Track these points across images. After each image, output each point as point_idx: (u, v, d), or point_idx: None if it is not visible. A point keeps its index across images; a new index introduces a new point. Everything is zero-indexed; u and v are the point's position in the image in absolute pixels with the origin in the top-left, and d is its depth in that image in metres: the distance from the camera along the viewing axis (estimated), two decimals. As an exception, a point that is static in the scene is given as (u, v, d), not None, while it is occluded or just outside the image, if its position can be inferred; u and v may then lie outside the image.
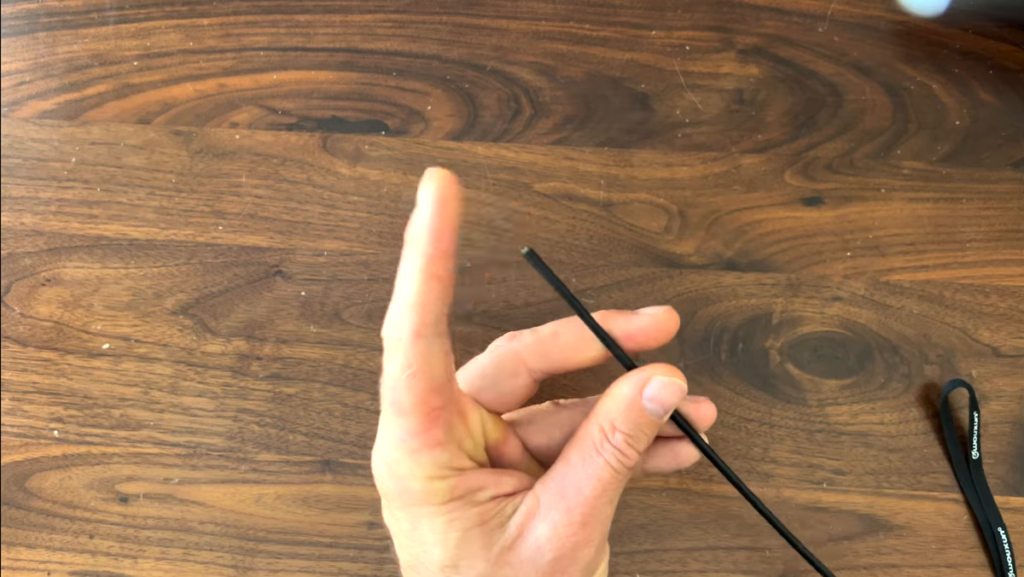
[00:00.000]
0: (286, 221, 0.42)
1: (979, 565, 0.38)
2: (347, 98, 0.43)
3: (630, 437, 0.24)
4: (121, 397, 0.40)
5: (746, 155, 0.42)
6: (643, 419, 0.24)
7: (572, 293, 0.27)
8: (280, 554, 0.39)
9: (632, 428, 0.24)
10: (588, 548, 0.23)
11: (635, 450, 0.24)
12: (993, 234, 0.40)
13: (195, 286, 0.41)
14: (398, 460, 0.23)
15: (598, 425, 0.24)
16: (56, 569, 0.39)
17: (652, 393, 0.25)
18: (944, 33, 0.43)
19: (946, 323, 0.40)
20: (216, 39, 0.44)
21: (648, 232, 0.41)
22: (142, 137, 0.43)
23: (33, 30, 0.44)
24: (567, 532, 0.23)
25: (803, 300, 0.40)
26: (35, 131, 0.43)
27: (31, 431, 0.40)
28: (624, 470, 0.24)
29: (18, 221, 0.42)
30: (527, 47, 0.43)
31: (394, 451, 0.23)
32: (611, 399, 0.25)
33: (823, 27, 0.43)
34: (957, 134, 0.41)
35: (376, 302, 0.41)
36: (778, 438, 0.39)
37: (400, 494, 0.24)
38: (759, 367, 0.40)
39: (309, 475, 0.39)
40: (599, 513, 0.23)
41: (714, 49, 0.43)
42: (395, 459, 0.23)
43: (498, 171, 0.42)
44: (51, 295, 0.41)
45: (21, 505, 0.40)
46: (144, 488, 0.40)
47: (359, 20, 0.44)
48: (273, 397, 0.40)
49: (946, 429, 0.38)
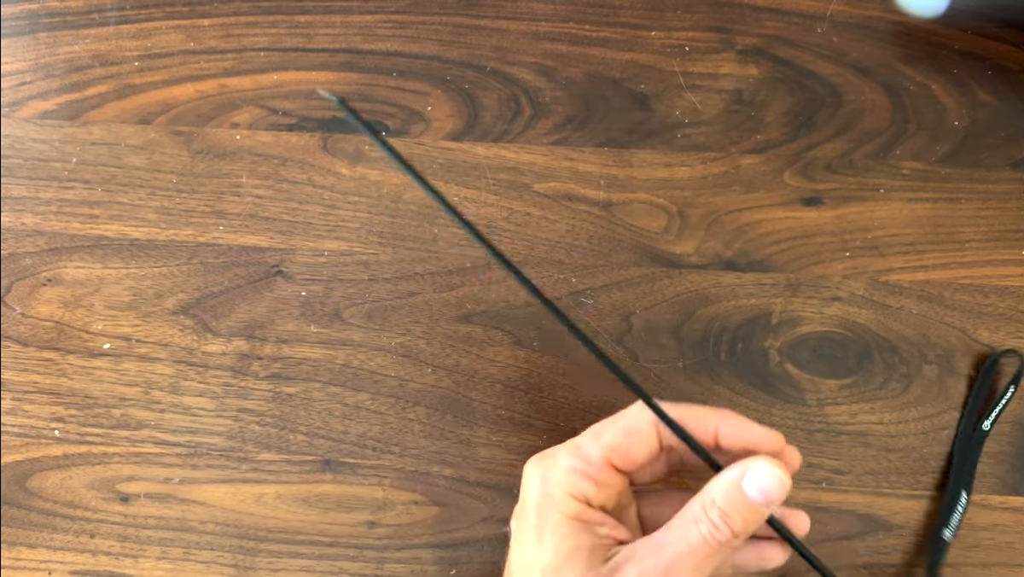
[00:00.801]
0: (286, 221, 0.42)
1: (978, 564, 0.38)
2: (347, 98, 0.43)
3: (726, 514, 0.26)
4: (122, 397, 0.40)
5: (745, 155, 0.42)
6: (741, 500, 0.27)
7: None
8: (280, 553, 0.39)
9: (729, 506, 0.27)
10: None
11: (728, 528, 0.26)
12: (992, 234, 0.41)
13: (196, 286, 0.41)
14: (557, 470, 0.28)
15: (700, 501, 0.27)
16: (57, 568, 0.39)
17: (753, 478, 0.27)
18: (943, 33, 0.43)
19: (945, 323, 0.40)
20: (217, 40, 0.44)
21: (648, 232, 0.41)
22: (143, 137, 0.43)
23: (34, 30, 0.44)
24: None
25: (802, 300, 0.40)
26: (36, 131, 0.43)
27: (32, 431, 0.40)
28: (715, 542, 0.26)
29: (19, 221, 0.42)
30: (527, 48, 0.43)
31: (560, 462, 0.28)
32: (717, 481, 0.27)
33: (822, 28, 0.43)
34: (956, 134, 0.42)
35: (376, 302, 0.41)
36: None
37: (542, 498, 0.28)
38: (758, 367, 0.40)
39: (309, 475, 0.39)
40: (681, 572, 0.26)
41: (714, 50, 0.43)
42: (555, 468, 0.28)
43: (498, 171, 0.42)
44: (52, 295, 0.41)
45: (22, 505, 0.40)
46: (145, 488, 0.40)
47: (359, 21, 0.44)
48: (273, 397, 0.40)
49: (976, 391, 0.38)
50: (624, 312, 0.40)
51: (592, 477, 0.28)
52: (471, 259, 0.41)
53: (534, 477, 0.29)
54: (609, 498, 0.29)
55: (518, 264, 0.41)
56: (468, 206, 0.41)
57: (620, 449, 0.28)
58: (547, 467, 0.29)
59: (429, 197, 0.28)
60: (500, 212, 0.41)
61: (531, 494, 0.28)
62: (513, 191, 0.42)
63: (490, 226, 0.41)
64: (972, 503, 0.38)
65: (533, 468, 0.29)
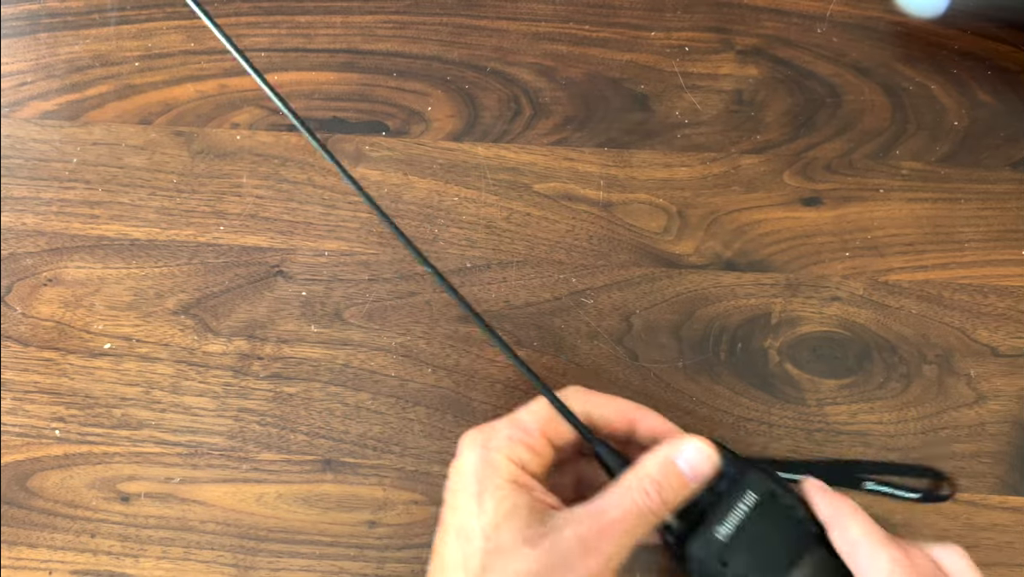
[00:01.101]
0: (287, 221, 0.42)
1: (977, 564, 0.38)
2: (348, 99, 0.43)
3: (658, 484, 0.29)
4: (122, 397, 0.40)
5: (745, 155, 0.42)
6: (673, 473, 0.29)
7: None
8: (281, 553, 0.39)
9: (661, 477, 0.29)
10: (596, 559, 0.28)
11: (659, 497, 0.29)
12: (992, 234, 0.41)
13: (196, 286, 0.41)
14: (497, 438, 0.31)
15: (635, 472, 0.30)
16: (57, 568, 0.39)
17: (686, 454, 0.30)
18: (943, 34, 0.43)
19: (945, 323, 0.40)
20: (217, 40, 0.44)
21: (647, 232, 0.41)
22: (143, 137, 0.43)
23: (35, 31, 0.44)
24: (585, 538, 0.28)
25: (802, 300, 0.40)
26: (37, 132, 0.43)
27: (32, 431, 0.40)
28: (646, 509, 0.29)
29: (19, 221, 0.42)
30: (527, 48, 0.43)
31: (499, 431, 0.31)
32: (653, 454, 0.30)
33: (822, 28, 0.43)
34: (956, 134, 0.42)
35: (377, 302, 0.41)
36: (777, 437, 0.39)
37: (482, 464, 0.30)
38: (758, 367, 0.40)
39: (310, 474, 0.39)
40: (614, 535, 0.28)
41: (713, 50, 0.43)
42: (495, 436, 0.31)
43: (498, 171, 0.42)
44: (52, 295, 0.42)
45: (23, 504, 0.40)
46: (145, 487, 0.40)
47: (360, 21, 0.44)
48: (274, 397, 0.40)
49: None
50: (624, 312, 0.40)
51: (528, 445, 0.30)
52: (471, 259, 0.41)
53: (474, 445, 0.31)
54: (541, 467, 0.31)
55: (518, 264, 0.41)
56: (468, 206, 0.42)
57: (553, 423, 0.31)
58: (487, 436, 0.31)
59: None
60: (500, 212, 0.41)
61: (470, 461, 0.30)
62: (513, 191, 0.42)
63: (490, 226, 0.41)
64: (972, 503, 0.38)
65: (472, 438, 0.31)
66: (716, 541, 0.30)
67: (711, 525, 0.30)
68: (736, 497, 0.31)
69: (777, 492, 0.31)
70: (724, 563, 0.30)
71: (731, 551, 0.30)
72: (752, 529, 0.30)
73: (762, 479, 0.31)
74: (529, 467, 0.30)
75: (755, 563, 0.30)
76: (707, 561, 0.30)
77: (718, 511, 0.31)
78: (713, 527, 0.30)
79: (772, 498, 0.31)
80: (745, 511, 0.31)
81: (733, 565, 0.30)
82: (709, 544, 0.30)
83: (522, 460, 0.30)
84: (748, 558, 0.30)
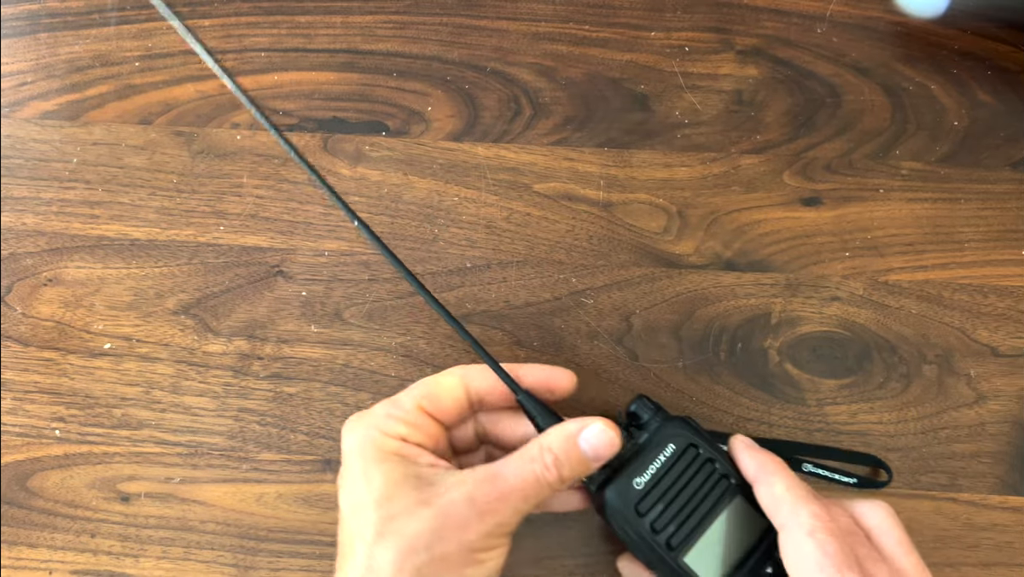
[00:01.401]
0: (287, 221, 0.42)
1: (977, 564, 0.38)
2: (348, 99, 0.43)
3: (558, 460, 0.30)
4: (122, 397, 0.40)
5: (745, 155, 0.42)
6: (574, 451, 0.30)
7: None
8: (281, 553, 0.39)
9: (563, 454, 0.30)
10: (490, 520, 0.29)
11: (557, 472, 0.30)
12: (991, 234, 0.41)
13: (196, 286, 0.41)
14: (373, 417, 0.32)
15: (539, 444, 0.30)
16: (58, 568, 0.39)
17: (589, 435, 0.30)
18: (943, 34, 0.43)
19: (944, 323, 0.40)
20: (217, 40, 0.44)
21: (647, 232, 0.41)
22: (143, 138, 0.43)
23: (35, 31, 0.44)
24: (481, 500, 0.29)
25: (802, 300, 0.40)
26: (37, 132, 0.43)
27: (33, 430, 0.40)
28: (544, 482, 0.30)
29: (20, 221, 0.42)
30: (527, 48, 0.43)
31: (375, 411, 0.32)
32: (557, 429, 0.31)
33: (822, 28, 0.43)
34: (956, 134, 0.42)
35: (376, 302, 0.41)
36: (777, 437, 0.39)
37: (362, 442, 0.31)
38: (758, 367, 0.40)
39: (310, 474, 0.40)
40: (510, 500, 0.29)
41: (713, 50, 0.43)
42: (371, 416, 0.32)
43: (498, 171, 0.42)
44: (53, 295, 0.42)
45: (23, 504, 0.40)
46: (145, 487, 0.40)
47: (360, 21, 0.44)
48: (274, 397, 0.40)
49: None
50: (624, 312, 0.40)
51: (404, 420, 0.31)
52: (471, 259, 0.41)
53: (353, 428, 0.32)
54: (426, 439, 0.32)
55: (518, 264, 0.41)
56: (468, 206, 0.42)
57: (429, 396, 0.32)
58: (364, 418, 0.32)
59: None
60: (500, 212, 0.41)
61: (351, 443, 0.31)
62: (513, 191, 0.42)
63: (490, 226, 0.41)
64: (972, 503, 0.38)
65: (352, 422, 0.32)
66: (633, 490, 0.31)
67: (630, 475, 0.31)
68: (656, 449, 0.32)
69: (698, 445, 0.32)
70: (640, 512, 0.31)
71: (648, 500, 0.31)
72: (669, 480, 0.31)
73: (684, 433, 0.32)
74: (411, 439, 0.31)
75: (671, 513, 0.31)
76: (623, 509, 0.31)
77: (638, 462, 0.31)
78: (631, 477, 0.31)
79: (692, 450, 0.32)
80: (663, 462, 0.32)
81: (649, 514, 0.31)
82: (626, 493, 0.31)
83: (401, 434, 0.31)
84: (664, 508, 0.31)
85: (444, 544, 0.28)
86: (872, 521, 0.31)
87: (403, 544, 0.28)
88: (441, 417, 0.32)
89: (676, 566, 0.31)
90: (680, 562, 0.31)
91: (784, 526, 0.30)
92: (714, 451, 0.32)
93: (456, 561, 0.28)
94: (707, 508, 0.32)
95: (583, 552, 0.38)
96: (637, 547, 0.31)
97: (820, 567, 0.28)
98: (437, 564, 0.28)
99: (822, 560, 0.28)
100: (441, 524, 0.28)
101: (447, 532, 0.28)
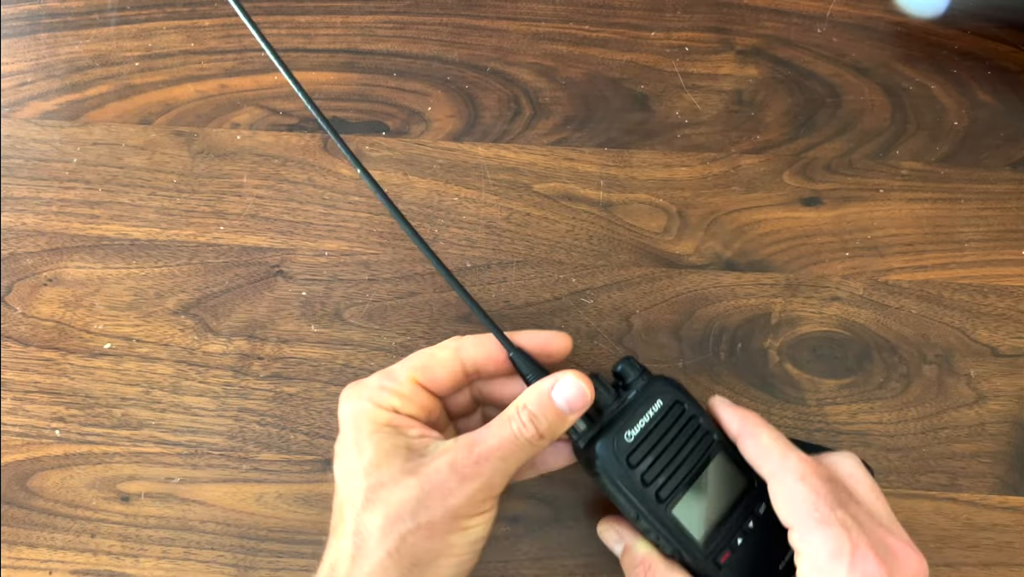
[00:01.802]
0: (287, 221, 0.42)
1: (977, 564, 0.38)
2: (348, 99, 0.43)
3: (534, 416, 0.30)
4: (122, 397, 0.40)
5: (745, 155, 0.42)
6: (548, 406, 0.31)
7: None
8: (281, 553, 0.39)
9: (538, 410, 0.31)
10: (474, 483, 0.29)
11: (535, 428, 0.30)
12: (991, 234, 0.41)
13: (196, 286, 0.41)
14: (367, 389, 0.32)
15: (515, 404, 0.31)
16: (58, 568, 0.39)
17: (561, 388, 0.31)
18: (943, 34, 0.43)
19: (944, 323, 0.40)
20: (217, 40, 0.44)
21: (647, 232, 0.41)
22: (143, 138, 0.43)
23: (35, 31, 0.44)
24: (464, 465, 0.29)
25: (802, 300, 0.40)
26: (37, 132, 0.43)
27: (33, 430, 0.40)
28: (523, 439, 0.30)
29: (20, 221, 0.42)
30: (527, 48, 0.43)
31: (369, 383, 0.32)
32: (532, 387, 0.31)
33: (822, 28, 0.43)
34: (956, 134, 0.42)
35: (377, 302, 0.41)
36: (777, 437, 0.39)
37: (356, 413, 0.32)
38: (758, 367, 0.40)
39: (310, 474, 0.40)
40: (491, 461, 0.30)
41: (713, 50, 0.43)
42: (365, 388, 0.32)
43: (498, 171, 0.42)
44: (53, 295, 0.42)
45: (23, 504, 0.40)
46: (145, 487, 0.40)
47: (360, 21, 0.44)
48: (274, 397, 0.40)
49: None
50: (624, 312, 0.40)
51: (397, 392, 0.32)
52: (471, 259, 0.41)
53: (348, 398, 0.32)
54: (420, 411, 0.32)
55: (518, 264, 0.41)
56: (468, 206, 0.42)
57: (424, 368, 0.32)
58: (358, 389, 0.32)
59: None
60: (500, 212, 0.41)
61: (346, 414, 0.32)
62: (513, 191, 0.42)
63: (490, 226, 0.41)
64: (972, 503, 0.38)
65: (346, 394, 0.33)
66: (624, 443, 0.32)
67: (620, 429, 0.32)
68: (645, 405, 0.32)
69: (684, 402, 0.33)
70: (632, 464, 0.32)
71: (638, 453, 0.32)
72: (658, 434, 0.32)
73: (670, 390, 0.33)
74: (403, 411, 0.32)
75: (660, 465, 0.32)
76: (614, 462, 0.31)
77: (626, 417, 0.32)
78: (622, 431, 0.32)
79: (679, 407, 0.33)
80: (652, 417, 0.32)
81: (640, 466, 0.32)
82: (617, 446, 0.32)
83: (393, 406, 0.32)
84: (654, 460, 0.32)
85: (429, 511, 0.29)
86: (845, 470, 0.32)
87: (389, 511, 0.29)
88: (435, 389, 0.33)
89: (665, 518, 0.32)
90: (669, 514, 0.32)
91: (774, 474, 0.31)
92: (697, 409, 0.33)
93: (441, 528, 0.29)
94: (693, 462, 0.32)
95: (583, 552, 0.38)
96: (626, 500, 0.32)
97: (815, 507, 0.29)
98: (423, 531, 0.29)
99: (816, 501, 0.30)
100: (426, 492, 0.29)
101: (431, 500, 0.29)
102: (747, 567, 0.32)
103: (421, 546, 0.29)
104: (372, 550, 0.29)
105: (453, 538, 0.30)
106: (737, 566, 0.32)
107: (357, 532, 0.29)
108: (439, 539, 0.29)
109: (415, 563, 0.29)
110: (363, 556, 0.29)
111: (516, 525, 0.39)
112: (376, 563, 0.29)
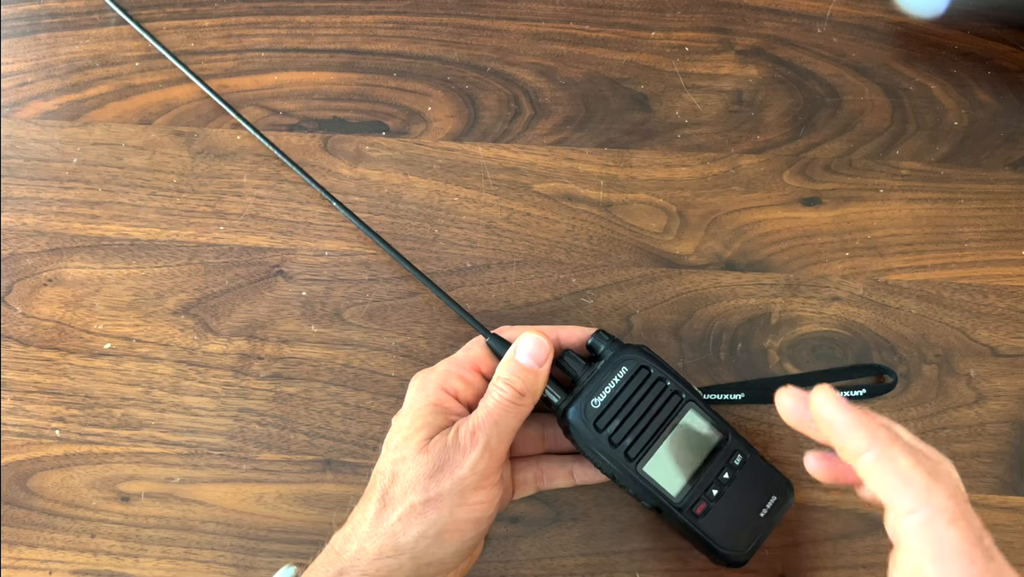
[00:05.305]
0: (287, 221, 0.42)
1: (977, 564, 0.38)
2: (348, 99, 0.43)
3: (509, 380, 0.33)
4: (123, 397, 0.40)
5: (745, 156, 0.42)
6: (516, 366, 0.34)
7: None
8: (281, 553, 0.39)
9: (509, 373, 0.34)
10: (473, 451, 0.32)
11: (512, 389, 0.33)
12: (991, 234, 0.41)
13: (196, 286, 0.41)
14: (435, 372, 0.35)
15: (494, 378, 0.34)
16: (58, 568, 0.39)
17: (522, 347, 0.34)
18: (943, 34, 0.43)
19: (944, 323, 0.40)
20: (217, 40, 0.44)
21: (647, 232, 0.41)
22: (143, 138, 0.43)
23: (35, 31, 0.44)
24: (462, 437, 0.33)
25: (802, 300, 0.40)
26: (37, 132, 0.43)
27: (33, 430, 0.40)
28: (506, 403, 0.33)
29: (20, 221, 0.42)
30: (527, 48, 0.43)
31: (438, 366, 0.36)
32: (502, 361, 0.34)
33: (822, 28, 0.43)
34: (955, 135, 0.42)
35: (377, 302, 0.41)
36: (777, 438, 0.39)
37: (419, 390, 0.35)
38: (758, 366, 0.40)
39: (310, 474, 0.40)
40: (484, 428, 0.33)
41: (713, 50, 0.43)
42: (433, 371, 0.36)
43: (498, 172, 0.42)
44: (53, 295, 0.42)
45: (23, 504, 0.40)
46: (145, 487, 0.40)
47: (360, 21, 0.44)
48: (274, 397, 0.40)
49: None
50: (624, 312, 0.40)
51: (460, 376, 0.35)
52: (471, 259, 0.41)
53: (415, 380, 0.36)
54: (476, 396, 0.35)
55: (518, 264, 0.41)
56: (468, 206, 0.42)
57: (483, 359, 0.36)
58: (427, 372, 0.36)
59: None
60: (500, 212, 0.41)
61: (409, 393, 0.35)
62: (513, 191, 0.42)
63: (490, 226, 0.41)
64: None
65: (417, 376, 0.36)
66: (591, 409, 0.34)
67: (588, 396, 0.34)
68: (611, 372, 0.35)
69: (650, 367, 0.35)
70: (599, 428, 0.34)
71: (604, 417, 0.34)
72: (623, 398, 0.34)
73: (636, 357, 0.35)
74: (463, 396, 0.35)
75: (627, 427, 0.34)
76: (583, 427, 0.34)
77: (594, 384, 0.34)
78: (589, 397, 0.34)
79: (644, 371, 0.35)
80: (617, 383, 0.34)
81: (607, 429, 0.34)
82: (585, 412, 0.34)
83: (455, 389, 0.35)
84: (620, 423, 0.34)
85: (438, 485, 0.32)
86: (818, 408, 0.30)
87: (405, 484, 0.32)
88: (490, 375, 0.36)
89: (636, 475, 0.34)
90: (640, 471, 0.34)
91: (915, 511, 0.27)
92: (665, 372, 0.35)
93: (448, 502, 0.32)
94: (660, 421, 0.34)
95: (583, 552, 0.38)
96: (600, 461, 0.34)
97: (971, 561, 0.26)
98: (433, 503, 0.32)
99: (972, 553, 0.26)
100: (434, 466, 0.32)
101: (439, 473, 0.32)
102: (726, 516, 0.34)
103: (428, 517, 0.32)
104: (387, 516, 0.32)
105: (459, 513, 0.32)
106: (715, 516, 0.34)
107: (381, 499, 0.33)
108: (446, 512, 0.32)
109: (422, 534, 0.32)
110: (380, 520, 0.32)
111: (516, 525, 0.39)
112: (387, 529, 0.32)
